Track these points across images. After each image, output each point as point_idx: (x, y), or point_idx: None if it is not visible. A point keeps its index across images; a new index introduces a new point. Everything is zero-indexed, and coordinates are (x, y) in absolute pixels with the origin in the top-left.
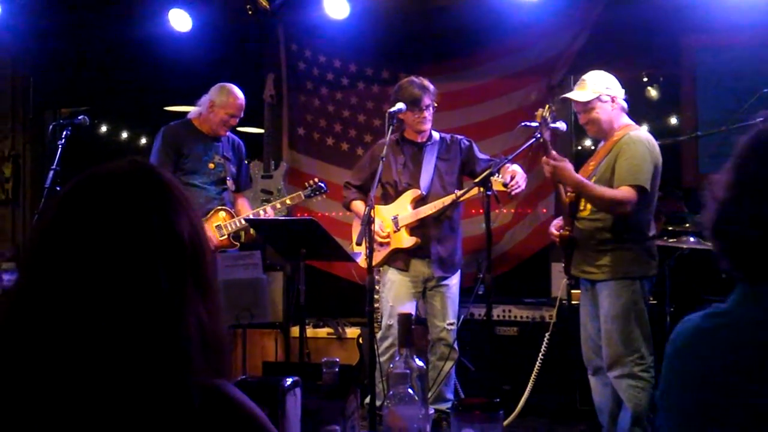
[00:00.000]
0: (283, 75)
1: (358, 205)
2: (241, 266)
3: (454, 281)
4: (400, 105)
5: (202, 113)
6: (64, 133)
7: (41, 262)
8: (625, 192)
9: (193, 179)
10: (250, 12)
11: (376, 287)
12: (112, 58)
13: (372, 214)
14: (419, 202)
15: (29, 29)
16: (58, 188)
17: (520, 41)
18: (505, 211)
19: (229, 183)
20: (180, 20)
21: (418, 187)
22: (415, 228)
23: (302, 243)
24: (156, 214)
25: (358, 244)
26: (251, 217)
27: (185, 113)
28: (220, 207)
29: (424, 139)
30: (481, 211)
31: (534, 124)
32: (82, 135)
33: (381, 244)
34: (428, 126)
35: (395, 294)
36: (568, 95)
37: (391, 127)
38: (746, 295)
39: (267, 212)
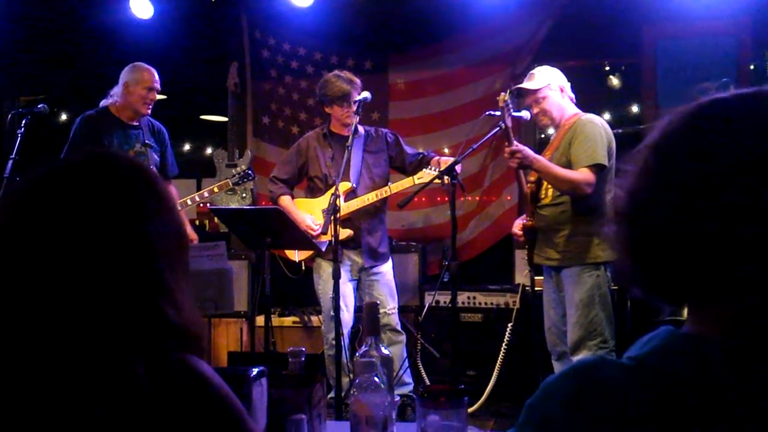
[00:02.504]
0: (247, 63)
1: (286, 200)
2: (206, 257)
3: (387, 268)
4: (366, 94)
5: (118, 100)
6: (23, 121)
7: (2, 256)
8: (584, 173)
9: None
10: None
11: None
12: (72, 45)
13: (338, 203)
14: (350, 194)
15: None
16: (17, 178)
17: (485, 30)
18: (470, 198)
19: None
20: (142, 7)
21: (349, 180)
22: (346, 219)
23: (267, 232)
24: (120, 198)
25: (324, 233)
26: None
27: None
28: None
29: (350, 133)
30: (446, 198)
31: (498, 112)
32: (42, 124)
33: (314, 238)
34: (356, 119)
35: (331, 284)
36: (520, 86)
37: (358, 116)
38: (672, 337)
39: (195, 200)
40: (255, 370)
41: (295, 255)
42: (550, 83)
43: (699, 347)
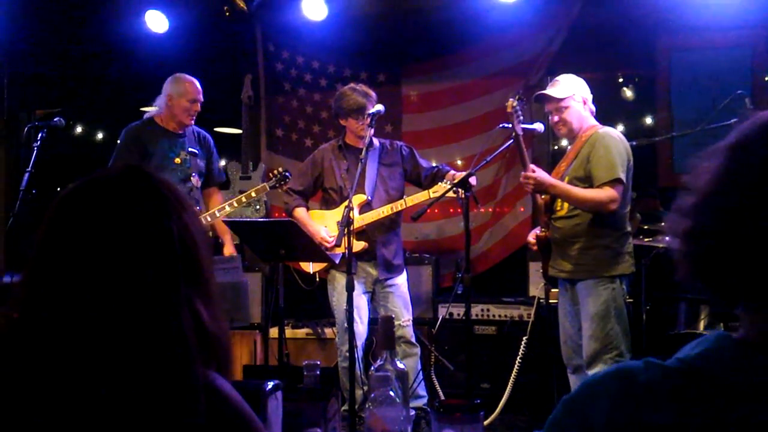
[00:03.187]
0: (261, 76)
1: (301, 212)
2: (222, 270)
3: (402, 280)
4: (379, 107)
5: (163, 110)
6: (40, 135)
7: (41, 266)
8: (607, 192)
9: None
10: (227, 13)
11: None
12: (88, 59)
13: (351, 215)
14: (365, 207)
15: (3, 30)
16: (33, 191)
17: (498, 43)
18: (483, 210)
19: (194, 180)
20: (157, 21)
21: (364, 193)
22: (361, 232)
23: (281, 244)
24: (145, 214)
25: (338, 246)
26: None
27: None
28: None
29: (366, 145)
30: (459, 210)
31: (511, 125)
32: (58, 136)
33: (328, 249)
34: (371, 132)
35: (344, 296)
36: (544, 91)
37: (371, 128)
38: (721, 340)
39: (233, 206)
40: (270, 384)
41: (310, 267)
42: (574, 93)
43: (746, 352)
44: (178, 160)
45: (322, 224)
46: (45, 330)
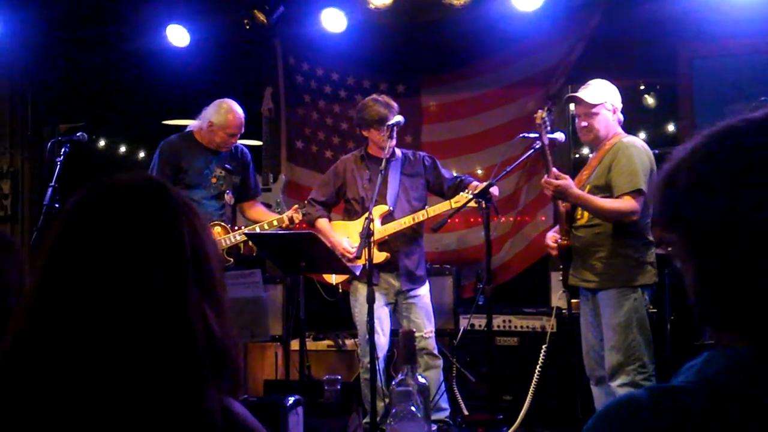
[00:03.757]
0: (281, 88)
1: (323, 223)
2: (242, 285)
3: (425, 291)
4: (399, 118)
5: (203, 129)
6: (63, 150)
7: (51, 270)
8: (628, 202)
9: (192, 194)
10: (247, 26)
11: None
12: (110, 73)
13: (372, 227)
14: (387, 217)
15: (27, 45)
16: (56, 205)
17: (517, 52)
18: (503, 220)
19: (227, 197)
20: (178, 35)
21: (386, 203)
22: (383, 243)
23: (301, 256)
24: (155, 219)
25: (358, 257)
26: (247, 231)
27: (183, 127)
28: (216, 222)
29: (388, 155)
30: (480, 220)
31: (532, 135)
32: (81, 150)
33: (349, 261)
34: (393, 143)
35: (371, 307)
36: (576, 94)
37: (391, 139)
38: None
39: (264, 227)
40: (291, 399)
41: (332, 278)
42: (606, 101)
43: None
44: (213, 180)
45: (344, 235)
46: (53, 337)
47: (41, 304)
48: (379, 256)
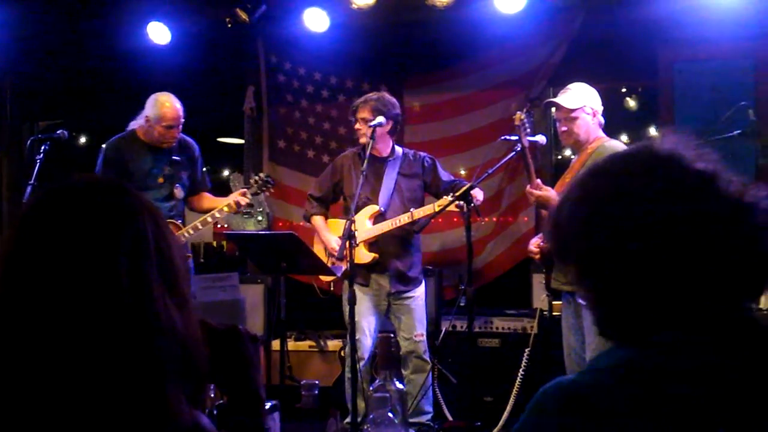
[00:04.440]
0: (263, 87)
1: (318, 221)
2: (219, 288)
3: (418, 293)
4: (381, 119)
5: (144, 126)
6: (42, 147)
7: (11, 269)
8: None
9: None
10: (229, 25)
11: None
12: (90, 70)
13: (353, 228)
14: (378, 217)
15: (7, 41)
16: None
17: (500, 54)
18: (486, 220)
19: (177, 192)
20: (159, 33)
21: (377, 203)
22: (373, 243)
23: (282, 257)
24: (118, 215)
25: (340, 258)
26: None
27: None
28: (168, 221)
29: (386, 154)
30: (462, 221)
31: (513, 137)
32: (61, 148)
33: (341, 260)
34: (363, 141)
35: (358, 309)
36: (554, 99)
37: (371, 142)
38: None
39: (215, 216)
40: (268, 404)
41: (327, 278)
42: (585, 105)
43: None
44: (161, 179)
45: (338, 233)
46: (14, 336)
47: (1, 303)
48: (366, 257)
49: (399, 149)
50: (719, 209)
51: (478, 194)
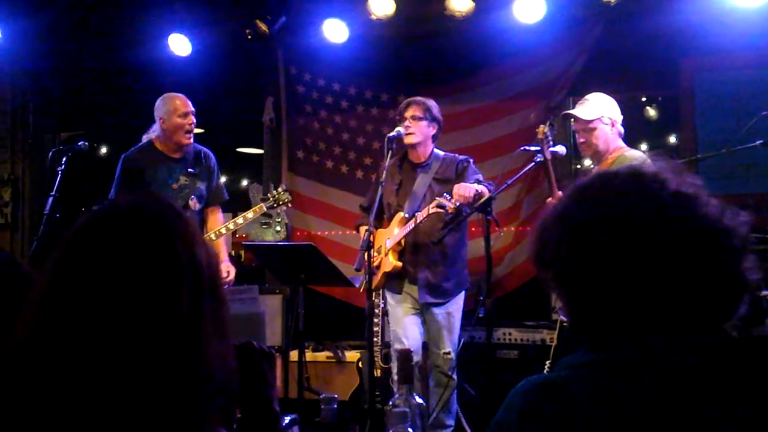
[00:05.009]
0: (283, 98)
1: (361, 231)
2: (238, 300)
3: (451, 309)
4: (400, 129)
5: (159, 134)
6: (64, 159)
7: (58, 294)
8: None
9: None
10: (249, 36)
11: (376, 311)
12: (112, 82)
13: (371, 238)
14: (405, 224)
15: (29, 53)
16: (57, 215)
17: (519, 64)
18: (505, 229)
19: (192, 203)
20: (180, 45)
21: (402, 210)
22: (403, 252)
23: (301, 268)
24: (179, 246)
25: (357, 269)
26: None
27: None
28: None
29: (424, 159)
30: (481, 231)
31: (534, 147)
32: (82, 159)
33: (377, 268)
34: (414, 140)
35: (395, 318)
36: (571, 111)
37: (390, 152)
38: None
39: (229, 228)
40: (287, 419)
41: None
42: (602, 115)
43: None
44: (175, 186)
45: (377, 243)
46: (53, 374)
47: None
48: (389, 265)
49: (440, 152)
50: (697, 231)
51: (460, 190)
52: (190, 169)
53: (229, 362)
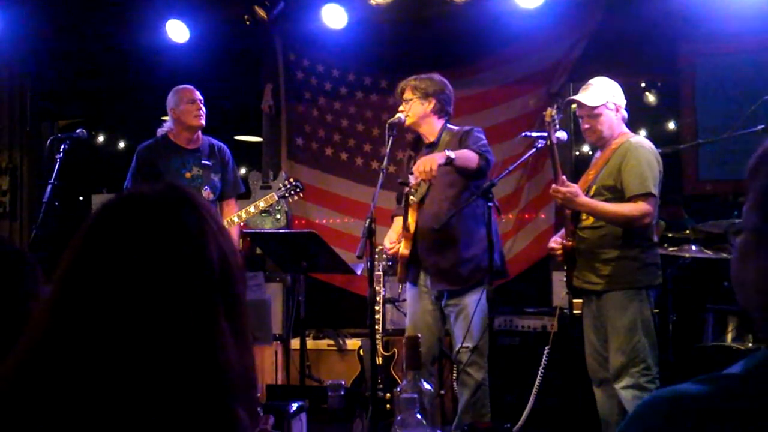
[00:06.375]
0: (281, 85)
1: (396, 220)
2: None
3: (468, 300)
4: (400, 116)
5: (174, 125)
6: (62, 147)
7: (73, 284)
8: (640, 206)
9: None
10: (247, 22)
11: (377, 298)
12: (109, 69)
13: (373, 226)
14: (419, 208)
15: (26, 41)
16: (56, 203)
17: (519, 49)
18: (505, 216)
19: (206, 194)
20: (177, 31)
21: (413, 194)
22: (414, 238)
23: (302, 255)
24: (187, 238)
25: (359, 257)
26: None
27: None
28: None
29: (432, 139)
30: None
31: (536, 133)
32: (80, 147)
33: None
34: (409, 121)
35: (411, 309)
36: (576, 97)
37: (391, 138)
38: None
39: (241, 217)
40: (294, 405)
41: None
42: (607, 101)
43: None
44: (188, 175)
45: (395, 230)
46: (68, 362)
47: (57, 325)
48: (399, 253)
49: (453, 127)
50: None
51: (419, 164)
52: (204, 161)
53: (249, 366)
